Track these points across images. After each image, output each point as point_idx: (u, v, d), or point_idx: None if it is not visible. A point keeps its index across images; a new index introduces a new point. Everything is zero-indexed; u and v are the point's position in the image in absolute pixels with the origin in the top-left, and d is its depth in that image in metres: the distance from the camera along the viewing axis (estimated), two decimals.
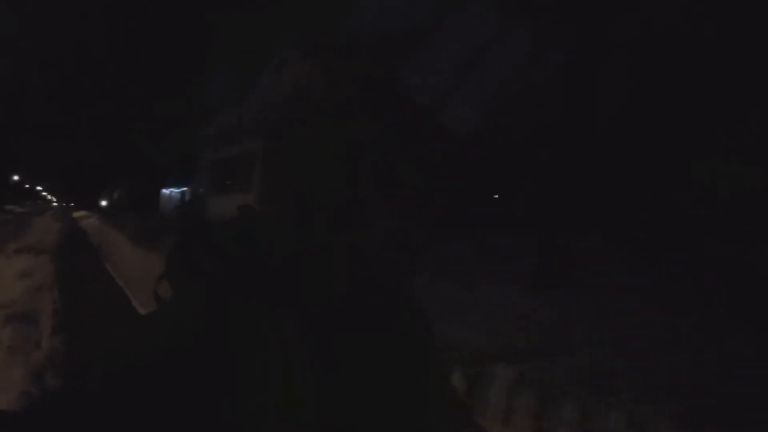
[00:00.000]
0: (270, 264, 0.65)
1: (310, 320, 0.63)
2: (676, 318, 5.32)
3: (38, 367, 3.71)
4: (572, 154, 7.24)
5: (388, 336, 0.72)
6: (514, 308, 5.89)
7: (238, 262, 0.64)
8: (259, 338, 0.59)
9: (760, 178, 7.06)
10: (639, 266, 7.28)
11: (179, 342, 0.58)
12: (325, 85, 0.67)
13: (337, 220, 0.66)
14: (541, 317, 5.62)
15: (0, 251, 10.48)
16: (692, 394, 3.60)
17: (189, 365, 0.56)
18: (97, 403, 0.55)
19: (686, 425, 3.21)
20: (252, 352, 0.58)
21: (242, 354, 0.58)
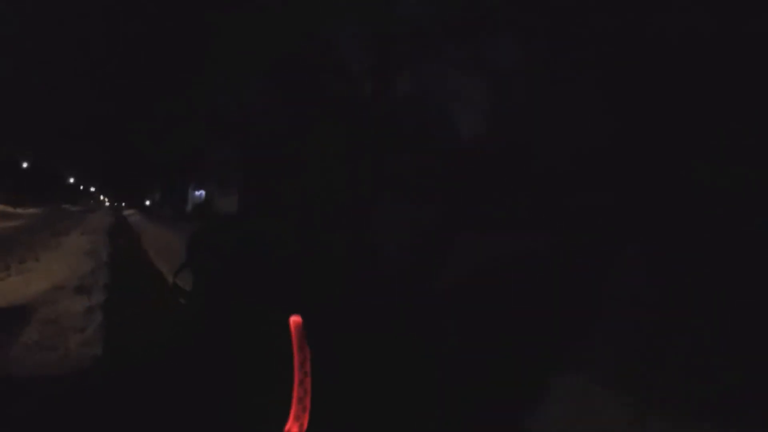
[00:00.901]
0: (270, 264, 0.65)
1: (310, 320, 0.63)
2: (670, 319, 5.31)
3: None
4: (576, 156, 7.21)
5: (388, 336, 0.72)
6: None
7: (239, 262, 0.65)
8: (259, 338, 0.59)
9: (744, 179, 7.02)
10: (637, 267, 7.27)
11: (180, 342, 0.58)
12: None
13: (337, 220, 0.67)
14: None
15: (66, 235, 13.56)
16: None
17: (189, 365, 0.57)
18: (100, 401, 0.56)
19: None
20: (252, 352, 0.58)
21: (243, 353, 0.58)
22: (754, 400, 3.45)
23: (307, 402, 0.57)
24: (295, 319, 0.59)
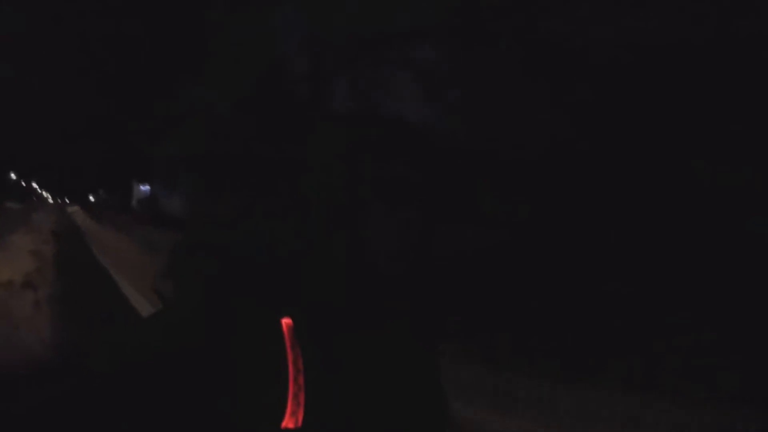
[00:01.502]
0: (270, 264, 0.65)
1: (310, 321, 0.63)
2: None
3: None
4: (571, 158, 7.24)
5: (389, 336, 0.72)
6: None
7: (239, 263, 0.65)
8: (259, 339, 0.59)
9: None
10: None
11: (178, 342, 0.58)
12: None
13: (336, 220, 0.67)
14: None
15: (13, 233, 13.86)
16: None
17: (188, 365, 0.57)
18: (97, 402, 0.56)
19: None
20: (252, 353, 0.58)
21: (242, 354, 0.58)
22: (754, 399, 3.45)
23: (302, 398, 0.57)
24: (286, 321, 0.59)
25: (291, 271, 0.64)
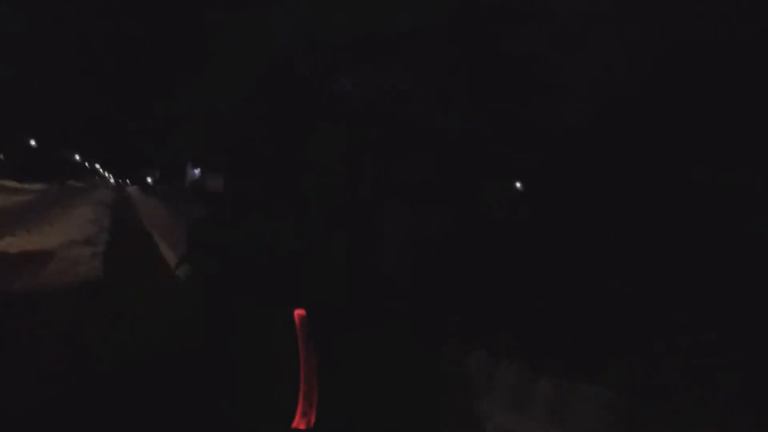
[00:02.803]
0: (270, 264, 0.65)
1: (311, 320, 0.63)
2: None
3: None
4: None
5: (389, 336, 0.72)
6: None
7: (239, 263, 0.65)
8: (259, 338, 0.59)
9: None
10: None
11: (178, 342, 0.58)
12: None
13: (336, 220, 0.67)
14: None
15: (76, 207, 15.89)
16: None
17: (188, 365, 0.57)
18: (97, 402, 0.56)
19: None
20: (252, 353, 0.58)
21: (242, 354, 0.58)
22: (753, 399, 3.45)
23: (314, 398, 0.56)
24: (299, 312, 0.59)
25: (291, 271, 0.64)
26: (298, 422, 0.55)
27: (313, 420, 0.57)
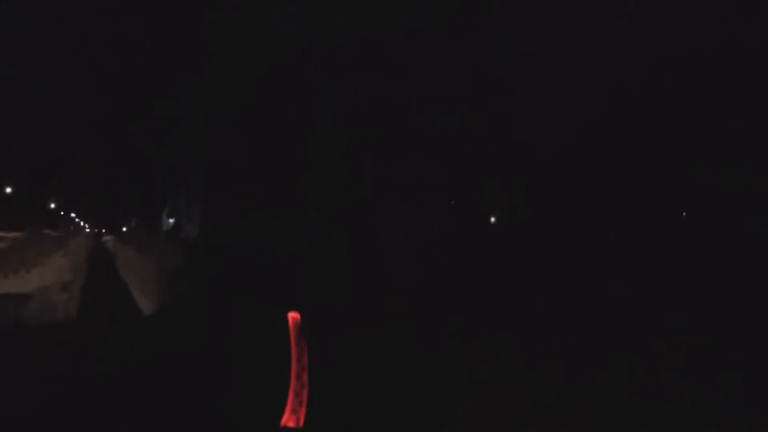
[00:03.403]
0: (270, 264, 0.66)
1: (312, 321, 0.63)
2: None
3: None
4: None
5: (389, 336, 0.72)
6: None
7: (239, 263, 0.65)
8: (259, 338, 0.59)
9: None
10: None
11: (178, 342, 0.59)
12: None
13: (336, 220, 0.67)
14: None
15: (52, 255, 15.84)
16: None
17: (188, 365, 0.57)
18: (97, 402, 0.56)
19: None
20: (252, 353, 0.58)
21: (242, 354, 0.58)
22: (754, 400, 3.45)
23: (304, 396, 0.57)
24: (293, 315, 0.59)
25: (291, 271, 0.64)
26: (286, 419, 0.56)
27: (302, 418, 0.57)
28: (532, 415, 3.73)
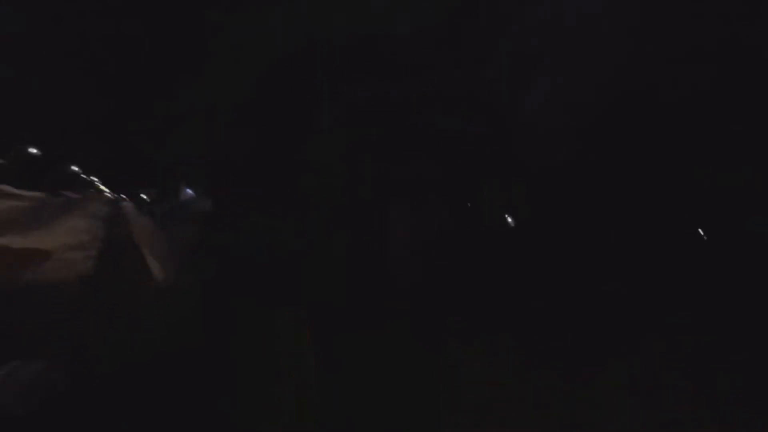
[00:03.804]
0: (270, 264, 0.66)
1: (312, 320, 0.63)
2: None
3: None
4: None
5: (389, 336, 0.72)
6: None
7: (239, 263, 0.65)
8: (259, 339, 0.59)
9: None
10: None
11: (178, 342, 0.59)
12: None
13: (336, 220, 0.67)
14: None
15: (70, 218, 16.50)
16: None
17: (188, 365, 0.57)
18: (97, 401, 0.56)
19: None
20: (252, 353, 0.58)
21: (242, 354, 0.58)
22: (754, 400, 3.44)
23: (312, 401, 0.57)
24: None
25: (291, 271, 0.64)
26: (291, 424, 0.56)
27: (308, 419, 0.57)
28: (532, 415, 3.72)
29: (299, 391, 0.50)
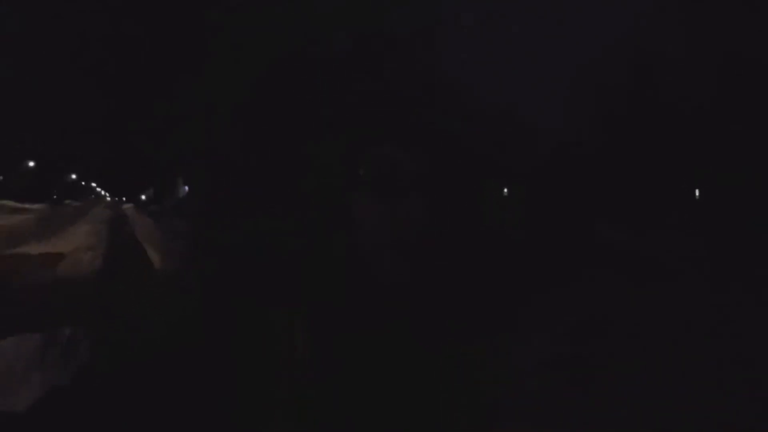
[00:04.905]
0: (270, 264, 0.66)
1: (312, 320, 0.63)
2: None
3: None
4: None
5: (389, 336, 0.72)
6: None
7: (239, 263, 0.65)
8: (259, 339, 0.59)
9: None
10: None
11: (178, 342, 0.59)
12: None
13: (336, 220, 0.67)
14: None
15: (74, 224, 18.15)
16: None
17: (188, 365, 0.57)
18: (97, 401, 0.56)
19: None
20: (252, 353, 0.58)
21: (242, 354, 0.58)
22: (754, 400, 3.45)
23: (311, 401, 0.57)
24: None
25: (291, 271, 0.64)
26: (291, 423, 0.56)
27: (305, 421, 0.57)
28: (532, 415, 3.73)
29: (299, 391, 0.50)
